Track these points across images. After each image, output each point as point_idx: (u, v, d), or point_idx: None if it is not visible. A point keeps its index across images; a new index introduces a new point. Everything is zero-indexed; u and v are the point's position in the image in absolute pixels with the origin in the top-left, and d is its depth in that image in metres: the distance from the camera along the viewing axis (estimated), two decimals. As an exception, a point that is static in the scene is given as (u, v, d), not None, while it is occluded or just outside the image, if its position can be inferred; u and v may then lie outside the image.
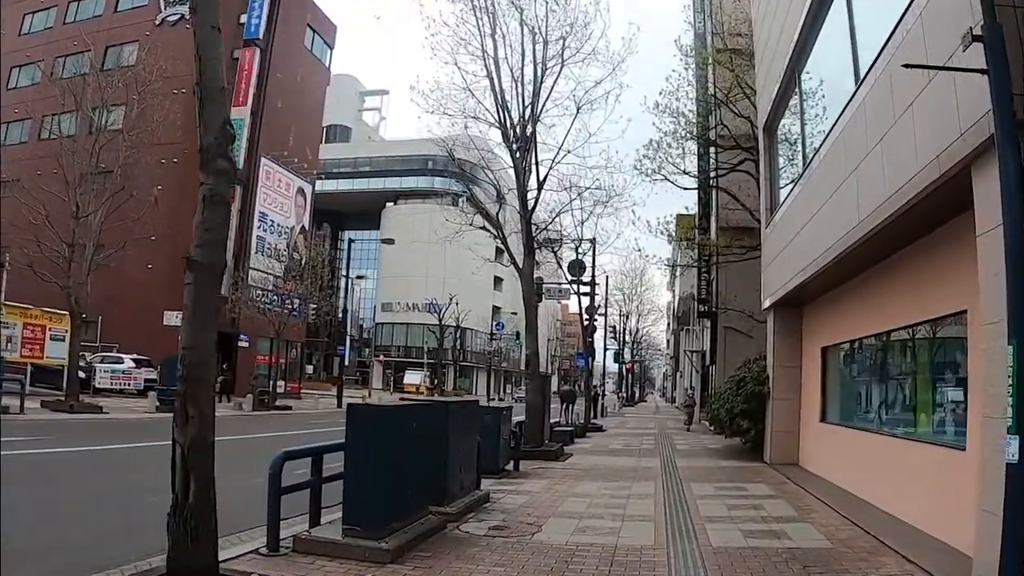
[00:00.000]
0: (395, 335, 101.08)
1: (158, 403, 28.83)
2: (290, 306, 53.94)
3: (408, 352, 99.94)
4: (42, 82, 46.25)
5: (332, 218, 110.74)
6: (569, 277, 35.99)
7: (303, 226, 56.13)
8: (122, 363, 37.76)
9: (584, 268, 36.45)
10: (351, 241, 52.77)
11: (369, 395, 58.62)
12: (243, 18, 49.77)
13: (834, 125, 12.53)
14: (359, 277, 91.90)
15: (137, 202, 32.66)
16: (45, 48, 51.86)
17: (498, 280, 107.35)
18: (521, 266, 21.94)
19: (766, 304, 19.45)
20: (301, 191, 55.61)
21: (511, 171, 22.76)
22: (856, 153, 10.90)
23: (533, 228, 22.56)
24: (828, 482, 14.32)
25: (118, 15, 52.16)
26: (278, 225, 52.24)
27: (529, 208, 21.90)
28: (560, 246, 37.09)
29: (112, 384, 36.35)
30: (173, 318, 43.49)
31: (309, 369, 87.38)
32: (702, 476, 15.75)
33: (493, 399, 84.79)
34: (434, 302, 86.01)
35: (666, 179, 29.05)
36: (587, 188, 25.89)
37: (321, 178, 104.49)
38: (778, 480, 15.13)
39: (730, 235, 30.46)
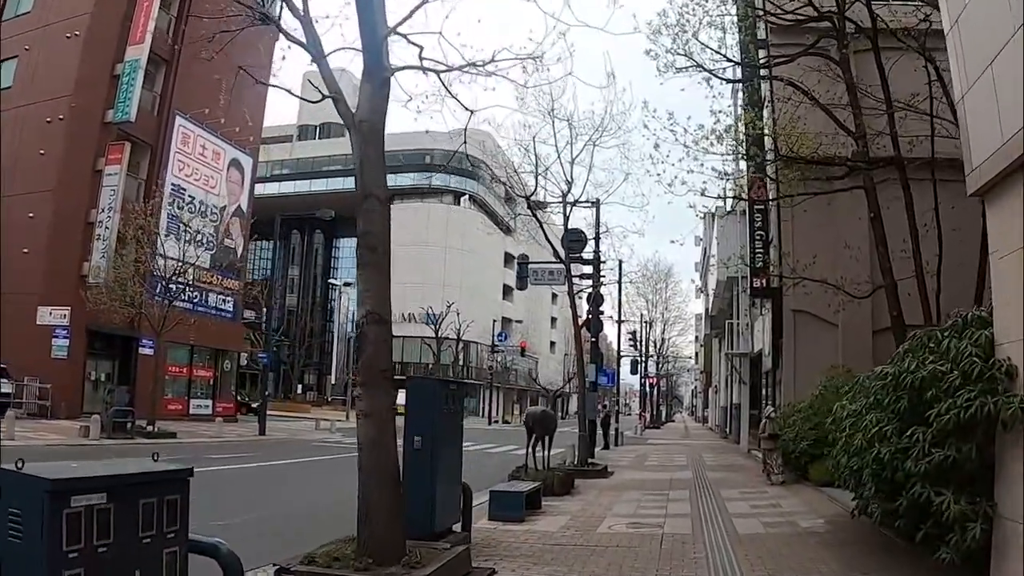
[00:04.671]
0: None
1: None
2: (222, 306, 43.20)
3: (404, 369, 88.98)
4: None
5: (324, 222, 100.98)
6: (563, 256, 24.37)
7: (239, 207, 44.89)
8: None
9: (584, 241, 25.31)
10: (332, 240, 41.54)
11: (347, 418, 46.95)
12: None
13: None
14: (346, 284, 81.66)
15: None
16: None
17: (508, 289, 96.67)
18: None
19: (988, 174, 7.59)
20: (236, 164, 44.51)
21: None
22: None
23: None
24: None
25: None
26: (201, 203, 41.07)
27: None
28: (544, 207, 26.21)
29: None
30: (47, 315, 32.99)
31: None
32: None
33: (496, 422, 73.37)
34: (430, 312, 75.62)
35: (699, 67, 17.41)
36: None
37: (312, 178, 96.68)
38: None
39: (800, 171, 18.88)
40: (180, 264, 32.17)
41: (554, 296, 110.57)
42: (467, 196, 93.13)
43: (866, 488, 8.77)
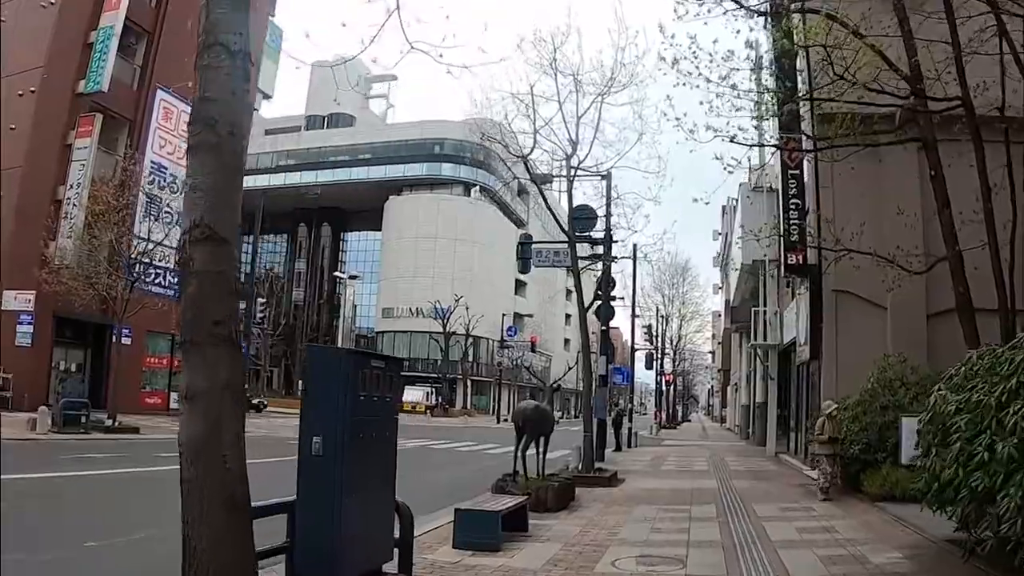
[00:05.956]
0: (397, 345, 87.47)
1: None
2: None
3: (412, 365, 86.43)
4: None
5: (332, 215, 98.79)
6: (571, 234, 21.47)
7: (227, 189, 41.98)
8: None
9: (594, 219, 22.43)
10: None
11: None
12: None
13: None
14: (352, 277, 79.15)
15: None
16: None
17: (520, 284, 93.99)
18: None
19: None
20: (225, 143, 41.48)
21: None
22: None
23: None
24: None
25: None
26: (184, 183, 38.24)
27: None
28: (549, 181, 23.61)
29: None
30: (12, 300, 30.56)
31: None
32: None
33: (505, 420, 70.32)
34: (438, 306, 73.04)
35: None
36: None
37: (319, 168, 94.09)
38: None
39: (842, 126, 15.80)
40: (154, 245, 29.45)
41: (568, 292, 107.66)
42: (478, 188, 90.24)
43: (1007, 520, 5.77)
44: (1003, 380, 6.19)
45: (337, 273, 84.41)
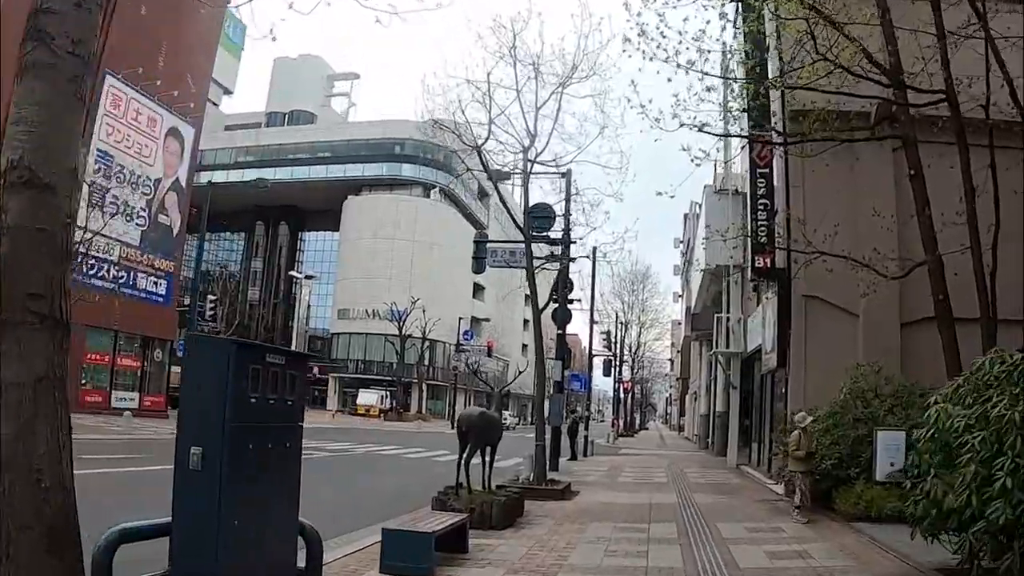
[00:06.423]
0: (352, 346, 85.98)
1: None
2: (153, 289, 38.96)
3: (368, 367, 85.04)
4: None
5: (290, 214, 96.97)
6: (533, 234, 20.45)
7: (177, 181, 40.54)
8: None
9: (552, 217, 21.50)
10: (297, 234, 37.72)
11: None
12: None
13: None
14: (308, 277, 77.40)
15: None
16: None
17: (479, 287, 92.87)
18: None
19: None
20: (175, 133, 40.16)
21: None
22: None
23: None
24: None
25: None
26: (132, 173, 36.87)
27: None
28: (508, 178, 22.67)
29: None
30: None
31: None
32: None
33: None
34: (394, 308, 71.65)
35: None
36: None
37: (278, 166, 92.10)
38: None
39: (816, 122, 14.94)
40: (92, 235, 27.90)
41: (527, 297, 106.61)
42: (438, 189, 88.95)
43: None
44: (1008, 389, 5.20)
45: (293, 272, 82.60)
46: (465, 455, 11.11)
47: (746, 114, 17.89)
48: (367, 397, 75.23)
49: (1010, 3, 15.19)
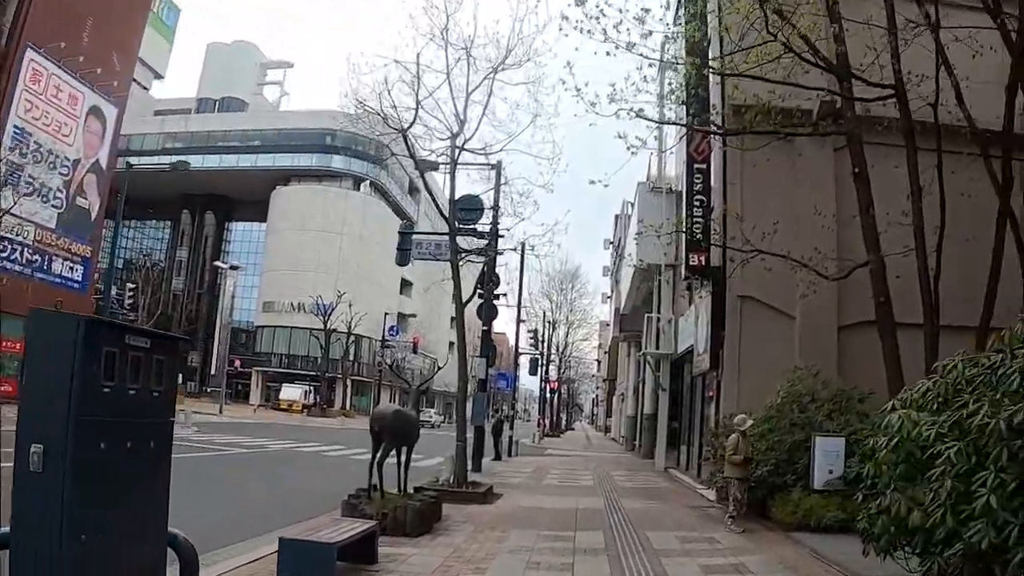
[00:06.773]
0: (277, 341, 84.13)
1: None
2: (68, 274, 37.27)
3: (292, 362, 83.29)
4: None
5: (217, 203, 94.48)
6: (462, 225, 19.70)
7: (97, 162, 38.84)
8: None
9: (480, 210, 20.65)
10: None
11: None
12: None
13: None
14: (233, 267, 75.40)
15: None
16: None
17: (406, 283, 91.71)
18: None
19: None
20: (97, 112, 38.47)
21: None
22: None
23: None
24: None
25: None
26: (49, 152, 35.18)
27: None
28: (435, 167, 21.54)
29: None
30: None
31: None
32: None
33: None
34: (320, 301, 70.18)
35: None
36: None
37: (207, 153, 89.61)
38: None
39: (758, 116, 14.49)
40: (2, 214, 26.42)
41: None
42: (368, 182, 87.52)
43: None
44: (1022, 397, 4.56)
45: (218, 263, 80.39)
46: (378, 456, 10.22)
47: (685, 106, 17.42)
48: (290, 392, 73.64)
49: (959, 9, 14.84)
